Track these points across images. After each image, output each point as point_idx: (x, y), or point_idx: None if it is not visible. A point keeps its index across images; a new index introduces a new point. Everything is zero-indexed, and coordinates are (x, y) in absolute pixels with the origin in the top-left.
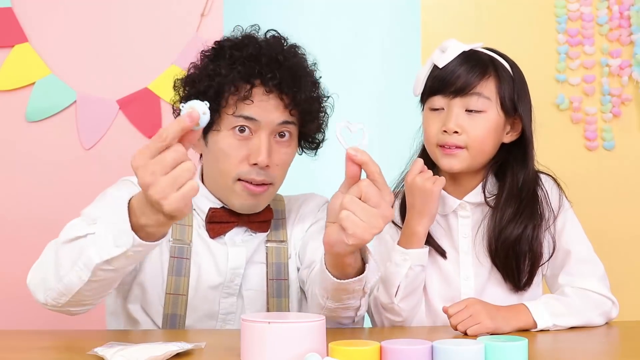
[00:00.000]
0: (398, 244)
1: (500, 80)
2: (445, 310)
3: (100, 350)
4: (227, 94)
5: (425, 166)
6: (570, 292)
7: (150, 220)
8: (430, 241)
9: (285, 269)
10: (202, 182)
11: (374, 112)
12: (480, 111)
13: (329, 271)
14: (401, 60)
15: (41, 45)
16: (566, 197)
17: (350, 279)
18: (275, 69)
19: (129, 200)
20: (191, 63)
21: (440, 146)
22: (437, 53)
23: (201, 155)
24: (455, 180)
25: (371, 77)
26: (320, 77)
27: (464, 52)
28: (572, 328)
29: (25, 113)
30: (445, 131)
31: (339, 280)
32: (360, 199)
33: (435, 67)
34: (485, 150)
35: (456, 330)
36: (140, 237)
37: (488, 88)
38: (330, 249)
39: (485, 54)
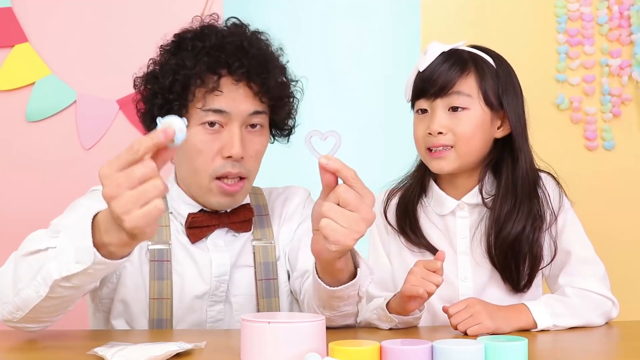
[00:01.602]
0: (389, 306)
1: (480, 74)
2: (445, 310)
3: (100, 350)
4: (194, 87)
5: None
6: (570, 293)
7: (114, 238)
8: (425, 243)
9: (274, 268)
10: (177, 183)
11: (374, 113)
12: (463, 108)
13: (321, 279)
14: (401, 60)
15: (41, 45)
16: (567, 197)
17: (343, 285)
18: (241, 57)
19: (95, 216)
20: (150, 59)
21: (429, 149)
22: (420, 57)
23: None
24: (453, 181)
25: (371, 77)
26: (288, 61)
27: (443, 53)
28: (572, 328)
29: (25, 113)
30: (430, 133)
31: (332, 288)
32: (339, 204)
33: (418, 71)
34: (474, 148)
35: (456, 330)
36: (102, 255)
37: (468, 85)
38: (318, 256)
39: (466, 51)
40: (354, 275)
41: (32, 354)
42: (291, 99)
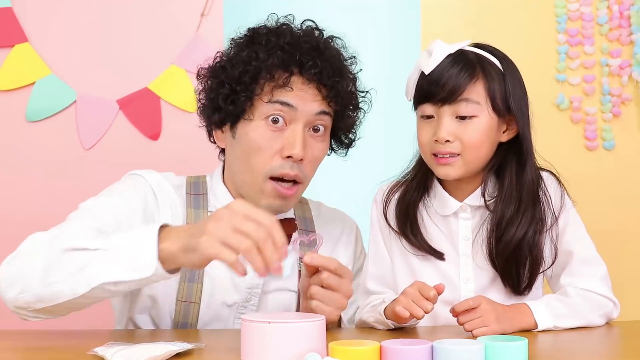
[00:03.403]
0: (386, 311)
1: (489, 80)
2: (453, 310)
3: (100, 350)
4: (263, 80)
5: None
6: (572, 293)
7: (169, 246)
8: (427, 247)
9: None
10: (223, 180)
11: (374, 112)
12: (471, 116)
13: None
14: (401, 60)
15: (41, 45)
16: (569, 196)
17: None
18: (316, 57)
19: (161, 226)
20: (217, 52)
21: (434, 155)
22: (424, 56)
23: (222, 150)
24: (456, 183)
25: (371, 77)
26: (361, 69)
27: (450, 55)
28: (572, 328)
29: (25, 113)
30: (437, 140)
31: None
32: (322, 285)
33: (423, 72)
34: (481, 155)
35: (461, 325)
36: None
37: (476, 92)
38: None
39: (472, 52)
40: None
41: (32, 354)
42: (357, 110)
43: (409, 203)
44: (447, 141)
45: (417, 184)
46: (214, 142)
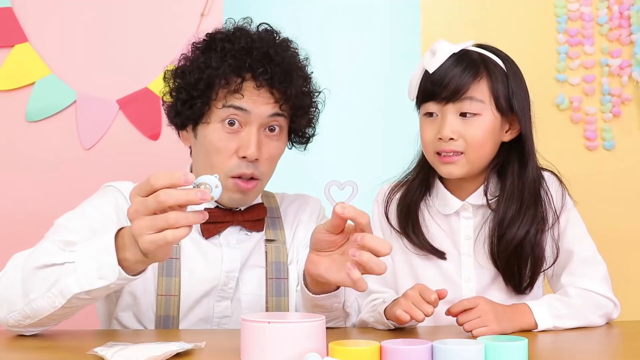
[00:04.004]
0: (386, 311)
1: (492, 79)
2: (449, 311)
3: (100, 350)
4: (218, 87)
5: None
6: (572, 293)
7: (130, 254)
8: (428, 247)
9: (284, 268)
10: None
11: (374, 112)
12: (474, 114)
13: (307, 287)
14: (401, 60)
15: (41, 45)
16: (570, 196)
17: (325, 294)
18: (266, 64)
19: (118, 231)
20: (182, 54)
21: (438, 153)
22: (427, 56)
23: (191, 150)
24: (458, 182)
25: (371, 77)
26: (312, 72)
27: (454, 54)
28: (572, 328)
29: (25, 113)
30: (441, 138)
31: (314, 296)
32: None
33: (426, 71)
34: (484, 154)
35: (460, 325)
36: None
37: (480, 90)
38: (313, 276)
39: (476, 52)
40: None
41: (32, 354)
42: (312, 109)
43: (410, 203)
44: (451, 139)
45: (418, 184)
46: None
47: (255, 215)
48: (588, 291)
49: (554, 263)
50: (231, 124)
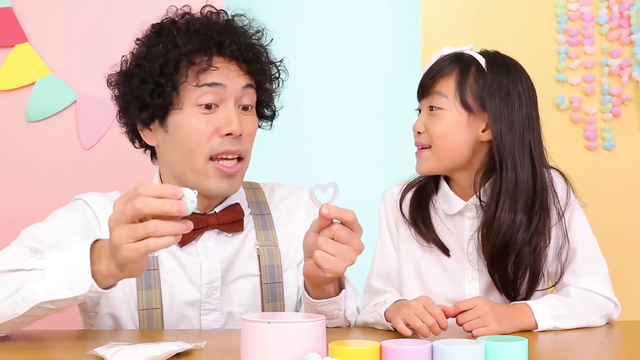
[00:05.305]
0: (386, 313)
1: (462, 76)
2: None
3: (100, 350)
4: (185, 67)
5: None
6: (573, 293)
7: (103, 266)
8: (435, 238)
9: (279, 272)
10: (161, 182)
11: (374, 113)
12: (439, 108)
13: (308, 293)
14: (401, 60)
15: (41, 45)
16: (576, 195)
17: (325, 300)
18: (231, 35)
19: (93, 243)
20: (123, 56)
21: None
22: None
23: (153, 154)
24: (458, 182)
25: (371, 77)
26: (272, 39)
27: (444, 55)
28: (572, 328)
29: (25, 113)
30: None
31: (315, 301)
32: (332, 239)
33: None
34: (451, 149)
35: (460, 325)
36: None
37: (446, 85)
38: (310, 279)
39: (462, 52)
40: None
41: (32, 354)
42: (277, 79)
43: (422, 196)
44: (419, 132)
45: (429, 181)
46: (142, 147)
47: (231, 217)
48: (589, 291)
49: (556, 284)
50: (208, 107)
